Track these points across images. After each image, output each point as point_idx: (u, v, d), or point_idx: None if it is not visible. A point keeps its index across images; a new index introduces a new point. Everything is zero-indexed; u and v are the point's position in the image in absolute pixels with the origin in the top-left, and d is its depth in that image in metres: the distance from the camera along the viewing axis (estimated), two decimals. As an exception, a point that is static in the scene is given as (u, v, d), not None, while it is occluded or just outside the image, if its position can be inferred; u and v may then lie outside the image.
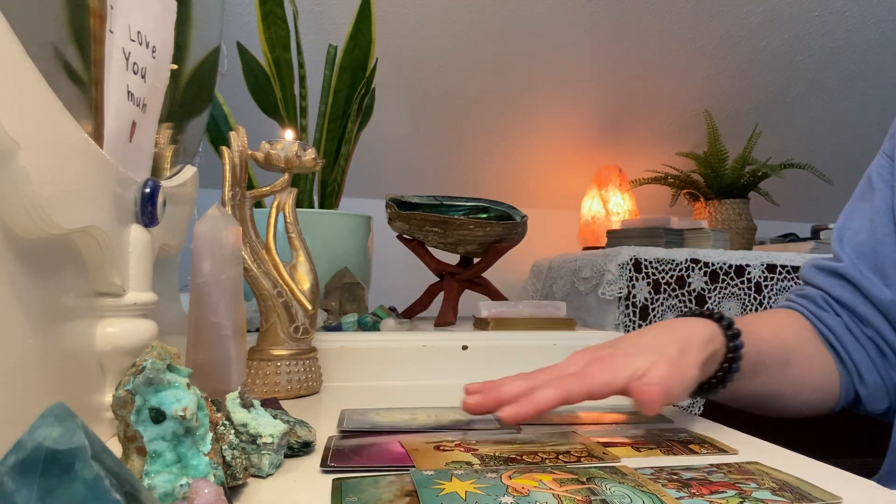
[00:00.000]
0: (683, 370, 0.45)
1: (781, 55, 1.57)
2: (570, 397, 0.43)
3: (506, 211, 0.90)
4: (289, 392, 0.58)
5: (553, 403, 0.43)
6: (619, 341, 0.50)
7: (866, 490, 0.34)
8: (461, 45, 1.42)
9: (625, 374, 0.44)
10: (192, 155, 0.72)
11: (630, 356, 0.46)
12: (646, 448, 0.42)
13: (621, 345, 0.49)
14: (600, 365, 0.45)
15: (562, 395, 0.43)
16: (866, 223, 0.61)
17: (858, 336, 0.59)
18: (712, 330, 0.50)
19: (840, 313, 0.61)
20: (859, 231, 0.62)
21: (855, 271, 0.60)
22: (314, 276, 0.61)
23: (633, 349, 0.47)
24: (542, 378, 0.45)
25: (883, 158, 0.63)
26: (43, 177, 0.30)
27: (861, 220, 0.62)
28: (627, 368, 0.44)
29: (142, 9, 0.43)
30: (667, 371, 0.44)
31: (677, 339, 0.48)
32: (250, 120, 0.92)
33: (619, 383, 0.44)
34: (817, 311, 0.61)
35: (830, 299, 0.62)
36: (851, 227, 0.63)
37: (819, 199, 1.85)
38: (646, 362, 0.45)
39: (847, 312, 0.60)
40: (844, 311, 0.61)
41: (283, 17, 0.99)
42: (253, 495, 0.33)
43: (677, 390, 0.44)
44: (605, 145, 1.67)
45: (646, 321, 1.07)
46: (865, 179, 0.64)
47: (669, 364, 0.44)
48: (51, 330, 0.34)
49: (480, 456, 0.38)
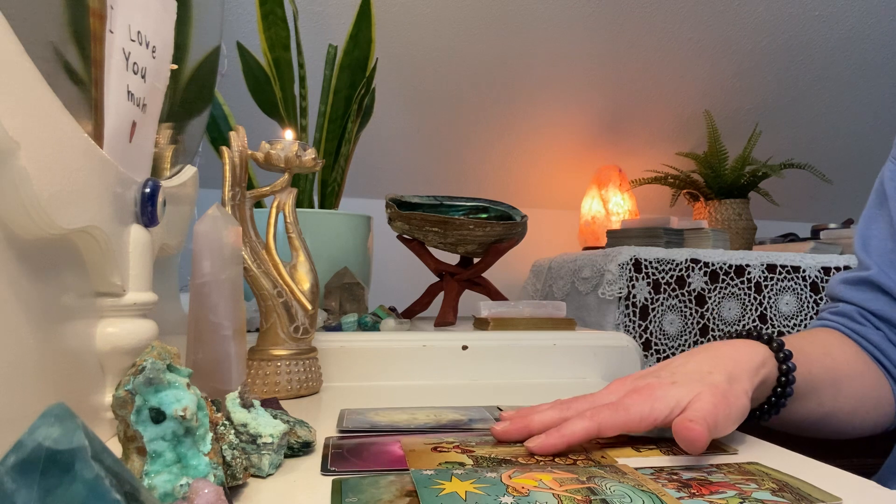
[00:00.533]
0: (732, 401, 0.42)
1: (781, 55, 1.57)
2: (603, 430, 0.40)
3: (506, 211, 0.90)
4: (289, 392, 0.58)
5: (584, 436, 0.40)
6: (662, 368, 0.47)
7: (866, 490, 0.34)
8: (461, 45, 1.42)
9: (665, 407, 0.41)
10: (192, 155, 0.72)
11: (671, 386, 0.42)
12: (646, 448, 0.42)
13: (663, 373, 0.45)
14: (639, 396, 0.42)
15: (594, 427, 0.40)
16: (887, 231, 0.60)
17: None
18: (764, 353, 0.48)
19: (880, 326, 0.59)
20: (883, 238, 0.60)
21: (886, 279, 0.58)
22: (314, 276, 0.61)
23: (676, 377, 0.44)
24: (575, 408, 0.43)
25: (894, 164, 0.62)
26: (43, 177, 0.30)
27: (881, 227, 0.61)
28: (668, 401, 0.41)
29: (142, 9, 0.43)
30: (712, 404, 0.40)
31: (725, 366, 0.45)
32: (250, 120, 0.92)
33: (658, 417, 0.41)
34: (856, 327, 0.59)
35: (867, 313, 0.60)
36: (874, 235, 0.61)
37: (819, 199, 1.85)
38: (689, 393, 0.41)
39: (886, 324, 0.59)
40: (883, 323, 0.59)
41: (283, 17, 0.99)
42: (253, 495, 0.33)
43: (724, 424, 0.40)
44: (605, 145, 1.67)
45: (646, 321, 1.07)
46: (878, 187, 0.63)
47: (715, 395, 0.41)
48: (51, 330, 0.34)
49: (476, 458, 0.38)
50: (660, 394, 0.42)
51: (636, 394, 0.42)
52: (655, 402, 0.41)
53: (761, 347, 0.48)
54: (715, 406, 0.40)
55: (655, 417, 0.41)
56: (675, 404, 0.41)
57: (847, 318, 0.61)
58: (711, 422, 0.39)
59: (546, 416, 0.43)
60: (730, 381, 0.43)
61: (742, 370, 0.45)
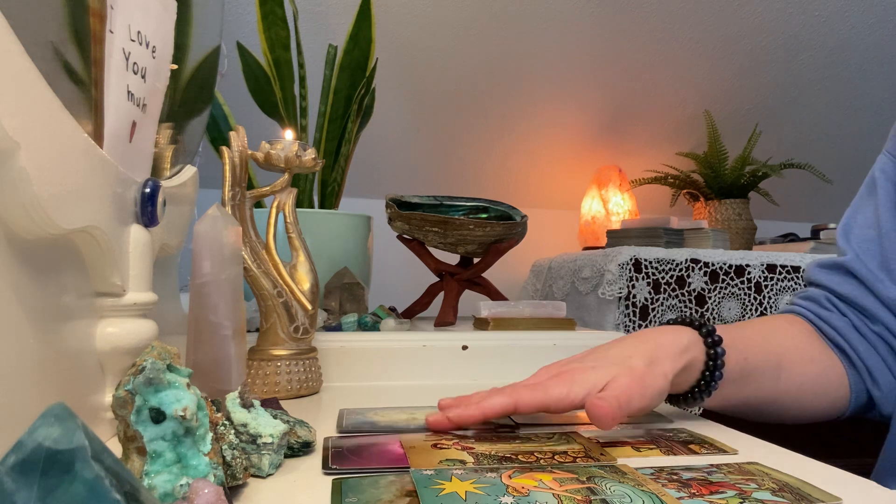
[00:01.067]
0: (648, 381, 0.45)
1: (781, 55, 1.57)
2: (520, 407, 0.43)
3: (506, 211, 0.90)
4: (289, 392, 0.58)
5: (501, 410, 0.43)
6: (587, 354, 0.50)
7: (866, 490, 0.34)
8: (461, 45, 1.42)
9: (582, 389, 0.44)
10: (192, 155, 0.72)
11: (591, 370, 0.45)
12: (646, 448, 0.42)
13: (587, 358, 0.49)
14: (559, 379, 0.45)
15: (511, 402, 0.43)
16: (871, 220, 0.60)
17: (867, 335, 0.57)
18: (689, 337, 0.49)
19: (846, 312, 0.59)
20: (865, 227, 0.60)
21: (860, 266, 0.58)
22: (314, 276, 0.61)
23: (598, 362, 0.47)
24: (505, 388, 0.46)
25: (886, 157, 0.62)
26: (43, 177, 0.30)
27: (866, 216, 0.61)
28: (585, 383, 0.44)
29: (142, 9, 0.43)
30: (626, 385, 0.43)
31: (647, 350, 0.47)
32: (250, 120, 0.92)
33: (575, 398, 0.44)
34: (821, 312, 0.60)
35: (835, 298, 0.60)
36: (857, 223, 0.61)
37: (819, 199, 1.85)
38: (605, 376, 0.44)
39: (853, 311, 0.59)
40: (850, 309, 0.59)
41: (283, 17, 0.99)
42: (253, 495, 0.33)
43: (637, 404, 0.43)
44: (605, 145, 1.67)
45: (646, 321, 1.07)
46: (869, 178, 0.63)
47: (631, 377, 0.44)
48: (51, 330, 0.34)
49: (476, 455, 0.38)
50: (578, 377, 0.45)
51: (557, 377, 0.46)
52: (573, 386, 0.44)
53: (688, 332, 0.50)
54: (629, 387, 0.43)
55: (572, 399, 0.44)
56: (591, 387, 0.44)
57: (814, 303, 0.61)
58: (623, 400, 0.42)
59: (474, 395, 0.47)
60: (649, 364, 0.46)
61: (664, 354, 0.47)
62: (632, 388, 0.43)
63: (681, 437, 0.45)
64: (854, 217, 0.63)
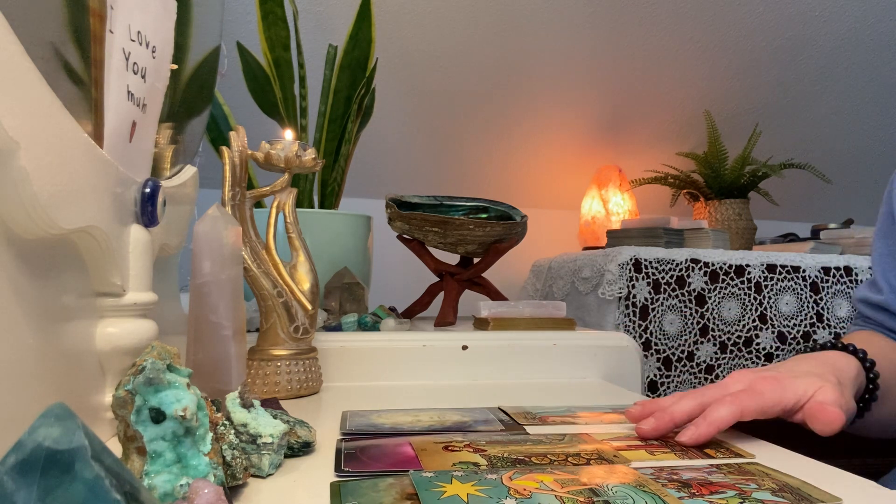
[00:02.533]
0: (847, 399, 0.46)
1: (781, 55, 1.57)
2: (745, 414, 0.43)
3: (506, 211, 0.90)
4: (289, 392, 0.58)
5: (730, 421, 0.43)
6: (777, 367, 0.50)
7: (866, 490, 0.34)
8: (461, 45, 1.42)
9: (794, 395, 0.44)
10: (192, 155, 0.71)
11: (795, 379, 0.46)
12: (660, 452, 0.41)
13: (781, 369, 0.49)
14: (769, 384, 0.45)
15: (737, 412, 0.43)
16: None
17: None
18: (857, 366, 0.52)
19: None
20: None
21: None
22: (314, 276, 0.61)
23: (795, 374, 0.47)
24: (710, 395, 0.45)
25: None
26: (43, 177, 0.30)
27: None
28: (797, 389, 0.45)
29: (142, 9, 0.43)
30: (837, 394, 0.44)
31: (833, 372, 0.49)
32: (250, 120, 0.92)
33: (788, 402, 0.44)
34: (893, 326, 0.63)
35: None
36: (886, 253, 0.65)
37: (819, 199, 1.85)
38: (812, 386, 0.45)
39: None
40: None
41: (283, 17, 0.99)
42: (253, 495, 0.33)
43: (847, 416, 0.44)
44: (605, 145, 1.67)
45: (646, 321, 1.07)
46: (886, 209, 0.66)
47: (836, 389, 0.45)
48: (51, 330, 0.34)
49: (489, 457, 0.38)
50: (788, 383, 0.45)
51: (766, 382, 0.45)
52: (786, 390, 0.44)
53: (854, 360, 0.52)
54: (841, 396, 0.44)
55: (786, 402, 0.44)
56: (802, 393, 0.44)
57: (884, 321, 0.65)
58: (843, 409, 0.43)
59: (686, 405, 0.45)
60: (839, 385, 0.47)
61: (846, 378, 0.49)
62: (841, 399, 0.44)
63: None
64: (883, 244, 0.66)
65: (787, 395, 0.44)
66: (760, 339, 1.12)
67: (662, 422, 0.44)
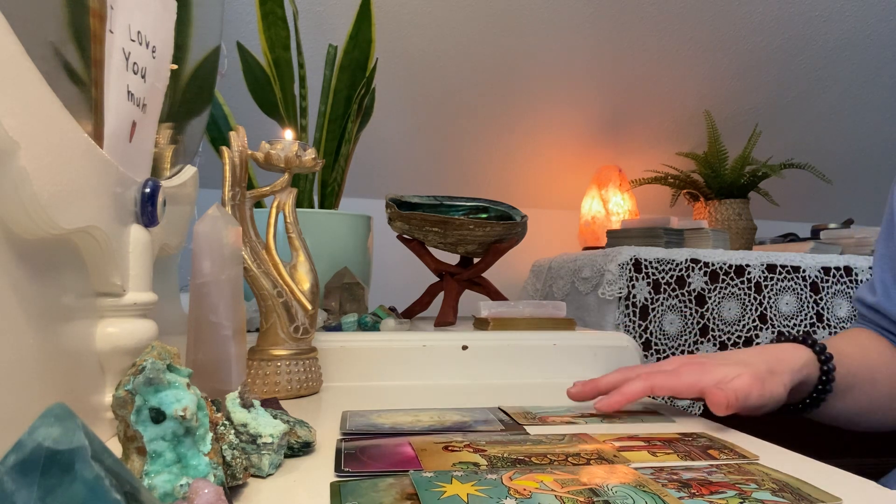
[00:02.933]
0: (767, 386, 0.49)
1: (781, 55, 1.57)
2: (655, 390, 0.49)
3: (506, 211, 0.90)
4: (289, 392, 0.58)
5: (640, 394, 0.49)
6: (716, 354, 0.55)
7: (866, 490, 0.34)
8: (461, 45, 1.42)
9: (711, 379, 0.48)
10: (192, 155, 0.71)
11: (720, 366, 0.50)
12: (662, 453, 0.40)
13: (716, 357, 0.53)
14: (692, 368, 0.50)
15: (647, 386, 0.49)
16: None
17: None
18: (807, 356, 0.54)
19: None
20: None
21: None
22: (314, 276, 0.61)
23: (726, 361, 0.51)
24: (636, 371, 0.52)
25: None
26: (43, 177, 0.30)
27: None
28: (716, 375, 0.48)
29: (142, 9, 0.43)
30: (748, 383, 0.47)
31: (769, 359, 0.52)
32: (250, 120, 0.92)
33: (704, 386, 0.48)
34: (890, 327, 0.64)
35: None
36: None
37: (819, 199, 1.85)
38: (733, 372, 0.49)
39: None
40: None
41: (283, 17, 0.99)
42: (253, 495, 0.33)
43: (754, 401, 0.47)
44: (605, 145, 1.67)
45: (646, 321, 1.07)
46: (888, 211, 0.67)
47: (753, 378, 0.48)
48: (51, 330, 0.34)
49: (489, 457, 0.38)
50: (710, 368, 0.49)
51: (691, 366, 0.50)
52: (704, 374, 0.49)
53: (805, 350, 0.55)
54: (749, 385, 0.47)
55: (702, 387, 0.48)
56: (720, 378, 0.48)
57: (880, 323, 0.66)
58: (741, 395, 0.46)
59: (612, 377, 0.52)
60: (770, 372, 0.50)
61: (785, 367, 0.52)
62: (752, 386, 0.47)
63: (700, 443, 0.43)
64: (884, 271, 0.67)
65: (703, 379, 0.48)
66: (760, 339, 1.12)
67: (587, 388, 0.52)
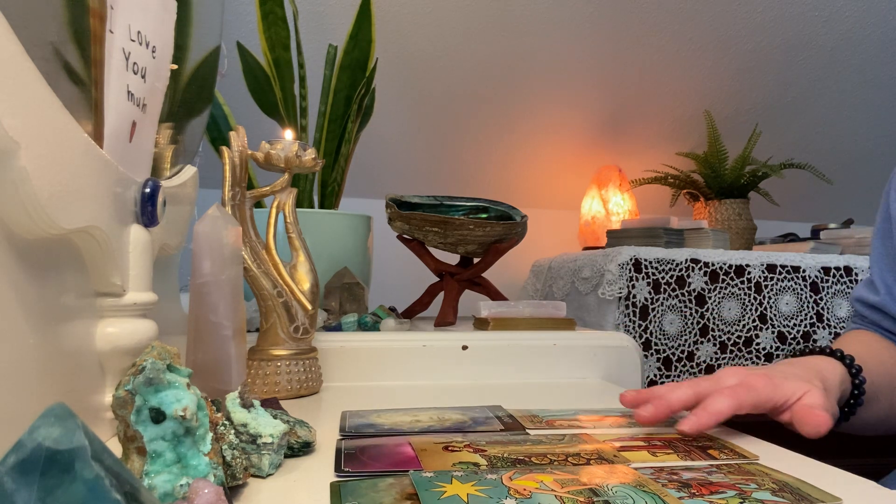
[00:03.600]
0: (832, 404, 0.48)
1: (781, 55, 1.57)
2: (741, 407, 0.44)
3: (506, 211, 0.90)
4: (289, 392, 0.58)
5: (728, 413, 0.44)
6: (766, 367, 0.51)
7: (866, 490, 0.34)
8: (461, 45, 1.42)
9: (784, 394, 0.45)
10: (192, 155, 0.71)
11: (785, 379, 0.47)
12: (662, 453, 0.40)
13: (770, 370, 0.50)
14: (761, 381, 0.46)
15: (735, 404, 0.44)
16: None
17: None
18: (841, 370, 0.53)
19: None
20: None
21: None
22: (314, 276, 0.61)
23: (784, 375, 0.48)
24: (705, 387, 0.46)
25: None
26: (43, 177, 0.30)
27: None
28: (787, 389, 0.46)
29: (142, 9, 0.43)
30: (824, 398, 0.46)
31: (819, 377, 0.50)
32: (250, 120, 0.92)
33: (779, 400, 0.45)
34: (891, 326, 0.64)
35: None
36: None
37: (819, 199, 1.85)
38: (801, 388, 0.46)
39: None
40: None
41: (283, 17, 0.99)
42: (253, 495, 0.33)
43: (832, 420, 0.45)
44: (605, 145, 1.67)
45: (646, 321, 1.07)
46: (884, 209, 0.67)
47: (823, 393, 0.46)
48: (51, 330, 0.34)
49: (489, 457, 0.38)
50: (778, 382, 0.46)
51: (758, 378, 0.46)
52: (776, 389, 0.45)
53: (838, 364, 0.54)
54: (827, 400, 0.46)
55: (776, 401, 0.45)
56: (791, 393, 0.46)
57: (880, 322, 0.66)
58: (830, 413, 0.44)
59: (682, 394, 0.46)
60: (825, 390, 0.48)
61: (831, 384, 0.51)
62: (827, 402, 0.46)
63: (700, 443, 0.43)
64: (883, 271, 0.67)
65: (777, 394, 0.45)
66: (760, 339, 1.12)
67: (660, 409, 0.45)
